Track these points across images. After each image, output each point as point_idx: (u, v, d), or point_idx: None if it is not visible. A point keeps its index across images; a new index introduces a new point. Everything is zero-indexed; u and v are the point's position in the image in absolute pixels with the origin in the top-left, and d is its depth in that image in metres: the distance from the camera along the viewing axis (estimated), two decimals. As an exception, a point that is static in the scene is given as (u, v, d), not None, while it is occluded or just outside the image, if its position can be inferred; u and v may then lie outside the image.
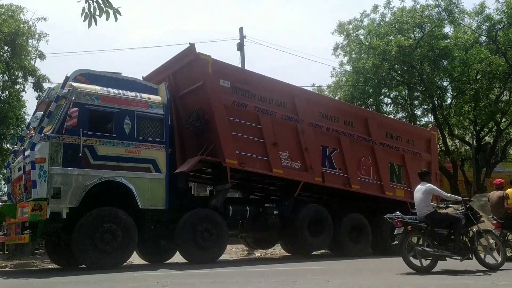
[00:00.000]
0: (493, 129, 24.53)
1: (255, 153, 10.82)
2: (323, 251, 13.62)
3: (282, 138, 11.25)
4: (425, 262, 7.62)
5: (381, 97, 24.11)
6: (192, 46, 10.36)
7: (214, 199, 10.46)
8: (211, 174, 11.19)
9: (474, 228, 8.08)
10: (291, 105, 11.58)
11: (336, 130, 12.29)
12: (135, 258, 10.80)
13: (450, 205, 8.63)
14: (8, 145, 17.97)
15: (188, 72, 10.58)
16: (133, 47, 56.82)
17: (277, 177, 11.32)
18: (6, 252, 15.05)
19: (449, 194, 8.47)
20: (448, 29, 23.00)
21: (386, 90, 23.91)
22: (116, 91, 9.41)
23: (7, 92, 19.56)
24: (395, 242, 7.67)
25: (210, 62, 10.30)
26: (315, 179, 11.71)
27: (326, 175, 11.91)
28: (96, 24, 3.93)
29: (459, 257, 7.75)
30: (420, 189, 8.11)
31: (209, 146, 10.32)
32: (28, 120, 14.56)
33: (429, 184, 8.13)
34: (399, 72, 22.55)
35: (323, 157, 12.03)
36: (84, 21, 3.86)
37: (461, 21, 22.56)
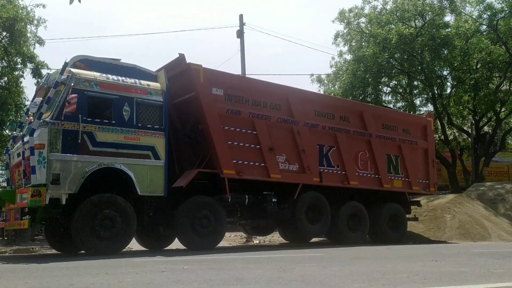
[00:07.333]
0: (492, 119, 24.54)
1: (252, 160, 10.80)
2: (321, 238, 13.71)
3: (278, 141, 11.23)
4: None
5: (381, 86, 24.07)
6: (182, 57, 10.30)
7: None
8: (208, 181, 11.10)
9: None
10: (285, 107, 11.53)
11: (332, 127, 12.28)
12: (134, 245, 10.86)
13: None
14: (7, 131, 17.96)
15: (180, 81, 10.45)
16: (131, 33, 56.37)
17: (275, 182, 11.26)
18: (6, 238, 15.13)
19: None
20: (449, 18, 22.95)
21: (386, 79, 23.87)
22: (115, 77, 9.37)
23: (5, 78, 19.51)
24: None
25: (201, 71, 10.27)
26: (313, 179, 11.70)
27: (324, 175, 11.91)
28: (79, 1, 3.96)
29: None
30: None
31: (206, 156, 10.36)
32: (27, 106, 14.52)
33: None
34: (399, 61, 22.50)
35: (320, 156, 12.03)
36: None
37: (462, 10, 22.47)
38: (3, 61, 19.33)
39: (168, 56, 61.86)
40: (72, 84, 8.77)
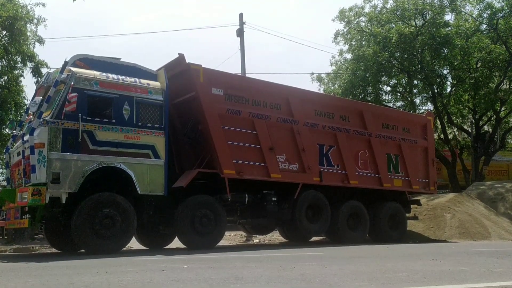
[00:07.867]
0: (492, 118, 24.54)
1: (252, 160, 10.80)
2: (321, 237, 13.72)
3: (278, 141, 11.24)
4: None
5: (381, 85, 24.07)
6: (181, 56, 10.29)
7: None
8: (208, 181, 10.97)
9: None
10: (285, 106, 11.53)
11: (332, 127, 12.29)
12: (134, 244, 10.86)
13: None
14: (7, 130, 17.95)
15: (180, 81, 10.44)
16: (131, 33, 56.38)
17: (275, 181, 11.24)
18: (6, 237, 15.13)
19: None
20: (449, 17, 22.94)
21: (386, 78, 23.87)
22: (115, 76, 9.37)
23: (5, 77, 19.51)
24: None
25: (201, 71, 10.26)
26: (313, 179, 11.71)
27: (324, 174, 11.92)
28: None
29: None
30: None
31: (206, 156, 10.36)
32: (27, 105, 14.52)
33: None
34: (399, 60, 22.48)
35: (320, 155, 12.04)
36: None
37: (462, 9, 22.46)
38: (3, 60, 19.33)
39: (168, 56, 61.87)
40: (72, 83, 8.77)
